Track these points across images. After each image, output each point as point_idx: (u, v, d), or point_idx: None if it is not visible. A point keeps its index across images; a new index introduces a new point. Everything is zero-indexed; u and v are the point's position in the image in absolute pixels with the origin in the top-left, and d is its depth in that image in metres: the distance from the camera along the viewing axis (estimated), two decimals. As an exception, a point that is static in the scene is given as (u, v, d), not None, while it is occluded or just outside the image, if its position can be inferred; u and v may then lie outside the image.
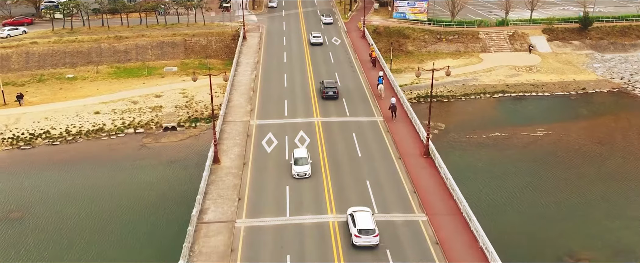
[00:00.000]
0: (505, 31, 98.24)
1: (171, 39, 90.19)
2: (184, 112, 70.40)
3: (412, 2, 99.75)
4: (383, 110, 59.60)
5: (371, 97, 63.87)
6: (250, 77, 71.05)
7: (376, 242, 36.24)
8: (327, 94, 62.92)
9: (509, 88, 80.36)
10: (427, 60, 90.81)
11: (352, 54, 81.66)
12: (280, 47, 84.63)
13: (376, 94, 64.36)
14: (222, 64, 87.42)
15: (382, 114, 58.90)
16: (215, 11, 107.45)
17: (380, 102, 62.52)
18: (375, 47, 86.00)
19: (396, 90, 66.11)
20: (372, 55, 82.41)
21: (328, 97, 62.87)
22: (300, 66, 75.48)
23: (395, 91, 65.15)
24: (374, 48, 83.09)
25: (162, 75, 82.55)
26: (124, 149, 62.07)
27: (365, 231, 36.18)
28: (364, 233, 36.18)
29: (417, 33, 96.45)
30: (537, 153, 60.75)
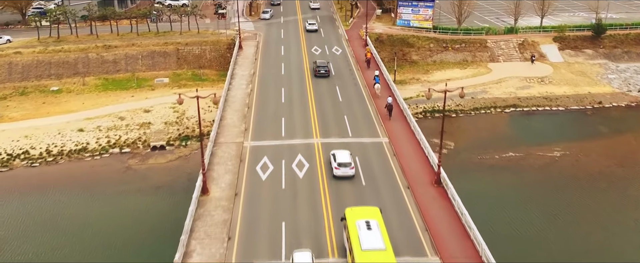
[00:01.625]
0: (515, 39, 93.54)
1: (163, 48, 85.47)
2: (174, 129, 65.69)
3: (416, 9, 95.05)
4: (379, 108, 59.76)
5: (375, 114, 59.11)
6: (246, 92, 66.31)
7: (352, 173, 44.90)
8: (319, 72, 69.96)
9: (520, 102, 75.61)
10: (432, 70, 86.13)
11: (353, 64, 76.91)
12: (278, 57, 79.94)
13: (373, 93, 64.21)
14: (216, 74, 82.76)
15: (387, 134, 54.20)
16: (211, 18, 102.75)
17: (376, 100, 62.54)
18: (372, 47, 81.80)
19: (400, 102, 61.57)
20: (368, 55, 78.40)
21: (320, 75, 69.86)
22: (299, 78, 70.74)
23: (392, 91, 65.08)
24: (369, 49, 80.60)
25: (152, 88, 77.82)
26: (108, 172, 57.31)
27: (343, 164, 44.87)
28: (342, 166, 44.82)
29: (422, 41, 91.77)
30: (555, 177, 56.01)
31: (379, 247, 30.92)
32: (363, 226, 32.43)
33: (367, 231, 32.00)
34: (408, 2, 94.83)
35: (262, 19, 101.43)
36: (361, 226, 32.42)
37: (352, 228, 32.63)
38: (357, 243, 31.29)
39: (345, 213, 34.66)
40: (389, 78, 71.12)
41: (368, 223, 32.65)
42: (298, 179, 45.79)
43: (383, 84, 67.62)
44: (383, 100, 61.71)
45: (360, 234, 31.82)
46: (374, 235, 31.72)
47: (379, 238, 31.55)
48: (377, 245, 31.03)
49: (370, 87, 68.09)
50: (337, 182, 45.08)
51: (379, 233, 31.95)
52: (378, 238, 31.49)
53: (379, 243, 31.21)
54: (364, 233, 31.85)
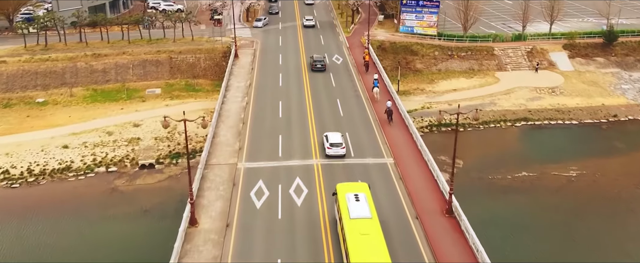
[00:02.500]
0: (523, 47, 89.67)
1: (155, 56, 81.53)
2: (165, 146, 61.78)
3: (420, 15, 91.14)
4: (379, 113, 58.84)
5: (379, 132, 55.18)
6: (241, 105, 62.41)
7: (343, 153, 48.97)
8: (315, 66, 73.07)
9: (531, 115, 71.70)
10: (438, 80, 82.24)
11: (355, 74, 73.00)
12: (276, 67, 76.02)
13: (371, 97, 63.59)
14: (211, 84, 78.80)
15: (392, 154, 50.29)
16: (206, 24, 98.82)
17: (375, 105, 61.72)
18: (372, 52, 78.45)
19: (404, 117, 57.84)
20: (366, 58, 75.93)
21: (317, 69, 72.80)
22: (298, 90, 66.86)
23: (391, 95, 64.33)
24: (367, 52, 78.03)
25: (143, 99, 73.88)
26: (92, 194, 53.37)
27: (335, 144, 49.07)
28: (334, 146, 48.95)
29: (426, 49, 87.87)
30: (573, 200, 52.18)
31: (366, 216, 34.18)
32: (352, 198, 35.78)
33: (355, 202, 35.30)
34: (412, 8, 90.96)
35: (255, 27, 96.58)
36: (350, 198, 35.81)
37: (342, 201, 36.08)
38: (346, 212, 34.62)
39: (337, 188, 38.02)
40: (388, 82, 69.24)
41: (356, 196, 36.02)
42: (296, 207, 41.91)
43: (382, 88, 66.09)
44: (382, 105, 60.28)
45: (349, 205, 35.09)
46: (361, 206, 35.02)
47: (366, 208, 34.86)
48: (364, 214, 34.26)
49: (373, 101, 64.63)
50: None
51: (366, 204, 35.25)
52: (365, 209, 34.79)
53: (366, 212, 34.49)
54: (353, 204, 35.12)
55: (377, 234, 32.67)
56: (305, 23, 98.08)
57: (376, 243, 31.81)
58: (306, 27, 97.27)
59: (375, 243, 31.78)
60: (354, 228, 32.96)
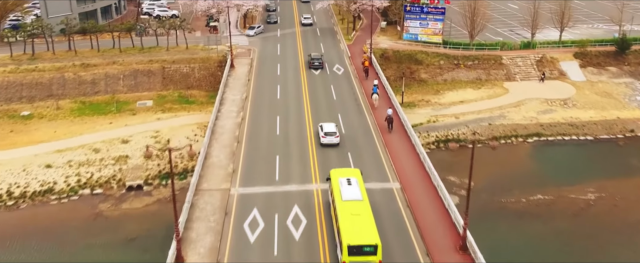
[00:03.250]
0: (532, 56, 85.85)
1: (147, 66, 77.69)
2: (154, 164, 57.91)
3: (425, 22, 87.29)
4: (378, 120, 57.60)
5: (384, 152, 51.36)
6: (236, 121, 58.59)
7: (337, 141, 51.50)
8: (313, 64, 74.51)
9: (544, 129, 67.83)
10: (443, 90, 78.41)
11: (357, 86, 69.14)
12: (274, 78, 72.18)
13: (371, 103, 62.31)
14: (205, 96, 74.99)
15: (398, 179, 46.45)
16: (201, 30, 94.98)
17: (374, 111, 60.38)
18: (374, 60, 75.98)
19: (410, 134, 54.14)
20: (365, 64, 73.61)
21: (314, 67, 74.37)
22: (297, 104, 63.04)
23: (392, 102, 62.96)
24: (366, 57, 76.42)
25: (133, 112, 70.03)
26: (75, 220, 49.55)
27: (329, 133, 51.45)
28: (328, 134, 51.38)
29: (431, 58, 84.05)
30: (592, 226, 48.38)
31: (357, 198, 36.76)
32: (344, 182, 38.27)
33: (347, 186, 37.84)
34: (416, 14, 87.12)
35: (248, 35, 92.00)
36: (343, 182, 38.30)
37: (335, 185, 38.54)
38: (339, 195, 37.11)
39: (330, 174, 40.54)
40: (389, 88, 67.52)
41: (349, 180, 38.56)
42: (293, 242, 38.11)
43: (382, 93, 65.01)
44: (381, 111, 59.21)
45: (342, 188, 37.59)
46: (353, 189, 37.53)
47: (357, 191, 37.38)
48: (356, 197, 36.87)
49: (372, 108, 61.94)
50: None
51: (357, 188, 37.80)
52: (356, 192, 37.36)
53: (357, 195, 37.09)
54: (345, 187, 37.65)
55: (367, 215, 35.25)
56: (303, 21, 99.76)
57: (366, 223, 34.36)
58: (304, 25, 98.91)
59: (365, 223, 34.34)
60: (345, 209, 35.55)
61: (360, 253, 32.39)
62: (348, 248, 32.37)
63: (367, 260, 32.53)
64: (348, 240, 32.61)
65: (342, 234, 33.33)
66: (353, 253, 32.39)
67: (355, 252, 32.39)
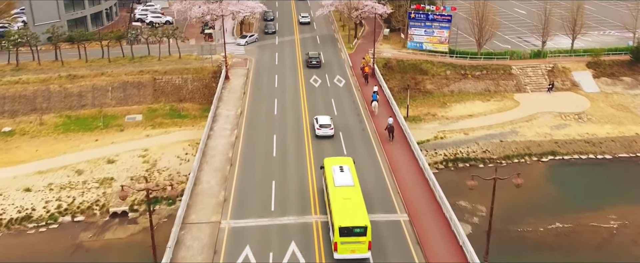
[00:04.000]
0: (543, 65, 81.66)
1: (137, 77, 73.53)
2: (141, 187, 53.62)
3: (430, 30, 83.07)
4: (379, 129, 55.92)
5: (390, 179, 47.15)
6: (229, 140, 54.44)
7: (332, 133, 53.44)
8: (310, 63, 75.81)
9: (559, 147, 63.65)
10: (450, 103, 74.21)
11: (360, 100, 64.96)
12: (271, 91, 68.02)
13: (370, 110, 60.66)
14: (198, 109, 70.83)
15: (405, 208, 42.29)
16: (196, 38, 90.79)
17: (374, 119, 58.75)
18: (376, 67, 72.27)
19: (417, 155, 50.11)
20: (365, 70, 71.42)
21: (312, 66, 75.58)
22: (295, 121, 58.85)
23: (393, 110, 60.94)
24: (366, 62, 74.54)
25: (121, 128, 65.84)
26: (52, 252, 45.41)
27: (324, 125, 53.40)
28: (323, 127, 53.31)
29: (437, 68, 79.86)
30: (618, 260, 44.13)
31: (349, 184, 38.61)
32: (337, 169, 40.13)
33: (340, 173, 39.68)
34: (421, 22, 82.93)
35: (238, 44, 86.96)
36: (336, 169, 40.17)
37: (328, 172, 40.50)
38: (332, 181, 38.99)
39: (324, 162, 42.40)
40: (389, 94, 65.59)
41: (341, 168, 40.37)
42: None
43: (382, 99, 63.51)
44: (381, 119, 57.54)
45: (334, 175, 39.44)
46: (345, 176, 39.35)
47: (349, 177, 39.29)
48: (347, 182, 38.72)
49: (372, 115, 59.55)
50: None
51: (349, 174, 39.67)
52: (348, 178, 39.20)
53: (349, 181, 38.90)
54: (338, 174, 39.49)
55: (358, 199, 37.41)
56: (300, 20, 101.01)
57: (357, 206, 36.54)
58: (302, 24, 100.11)
59: (356, 206, 36.51)
60: (337, 193, 37.65)
61: (351, 234, 34.64)
62: (339, 230, 34.55)
63: (357, 240, 34.82)
64: (339, 222, 34.84)
65: (334, 217, 35.70)
66: (344, 234, 34.60)
67: (346, 233, 34.59)
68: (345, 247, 34.84)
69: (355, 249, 34.90)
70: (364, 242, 34.78)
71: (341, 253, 34.98)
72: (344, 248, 34.84)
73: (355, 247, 34.84)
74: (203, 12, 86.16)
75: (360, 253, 35.03)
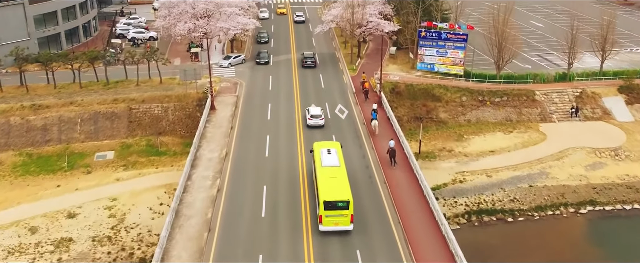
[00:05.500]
0: (570, 90, 72.63)
1: (111, 107, 64.59)
2: (104, 252, 44.78)
3: (443, 50, 74.00)
4: (379, 153, 51.48)
5: (397, 230, 38.24)
6: (209, 194, 45.40)
7: (322, 123, 57.20)
8: (306, 63, 75.92)
9: (598, 194, 54.71)
10: (468, 134, 65.27)
11: (365, 136, 55.93)
12: (263, 125, 58.99)
13: (370, 130, 56.63)
14: (179, 144, 61.96)
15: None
16: (182, 58, 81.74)
17: (374, 139, 54.88)
18: (383, 96, 63.88)
19: (433, 207, 41.51)
20: (365, 85, 66.27)
21: (307, 66, 75.74)
22: (290, 167, 49.77)
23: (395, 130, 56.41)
24: (365, 76, 69.71)
25: (88, 169, 56.97)
26: None
27: (315, 115, 57.17)
28: (314, 117, 57.08)
29: (452, 93, 70.85)
30: None
31: (335, 165, 41.83)
32: (325, 152, 43.36)
33: (327, 155, 42.96)
34: (432, 41, 73.86)
35: (220, 66, 77.59)
36: (324, 152, 43.39)
37: (317, 154, 43.68)
38: (319, 162, 42.23)
39: (313, 146, 45.64)
40: (389, 111, 60.97)
41: (329, 151, 43.65)
42: None
43: (381, 115, 59.93)
44: (382, 141, 53.40)
45: (322, 157, 42.70)
46: (332, 157, 42.61)
47: (335, 159, 42.50)
48: (334, 163, 41.91)
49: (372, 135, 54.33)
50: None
51: (336, 157, 42.82)
52: (335, 159, 42.42)
53: (335, 162, 42.09)
54: (325, 156, 42.78)
55: (342, 177, 39.95)
56: (296, 19, 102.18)
57: (341, 184, 39.10)
58: (297, 22, 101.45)
59: (340, 184, 39.07)
60: (324, 173, 40.41)
61: (335, 207, 37.81)
62: (324, 204, 37.74)
63: (340, 213, 37.93)
64: (324, 196, 37.94)
65: (320, 192, 38.69)
66: (328, 207, 37.80)
67: (330, 207, 37.80)
68: (329, 220, 38.22)
69: (338, 222, 38.23)
70: (346, 215, 38.06)
71: (326, 226, 38.45)
72: (328, 220, 38.25)
73: (338, 219, 38.16)
74: (189, 29, 77.14)
75: (343, 226, 38.42)
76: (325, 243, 38.24)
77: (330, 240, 38.42)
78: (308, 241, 38.67)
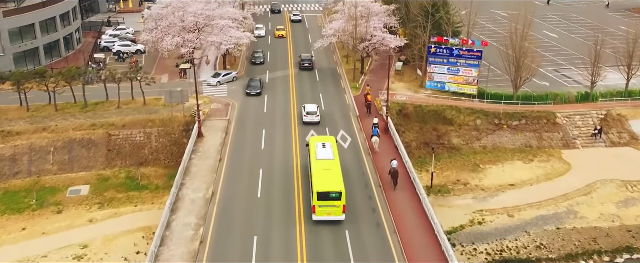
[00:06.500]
0: (594, 112, 66.26)
1: (88, 133, 58.29)
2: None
3: (454, 68, 67.60)
4: (381, 174, 48.07)
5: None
6: (190, 248, 39.08)
7: (317, 120, 58.20)
8: (303, 65, 75.56)
9: (634, 238, 48.46)
10: (484, 164, 59.04)
11: (371, 172, 49.54)
12: (255, 156, 52.57)
13: (370, 146, 53.38)
14: (162, 176, 55.72)
15: None
16: (170, 74, 75.33)
17: (375, 156, 51.89)
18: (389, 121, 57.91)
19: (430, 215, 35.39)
20: (368, 98, 62.77)
21: (304, 68, 75.27)
22: (285, 208, 43.48)
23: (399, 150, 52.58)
24: (369, 89, 65.57)
25: (59, 208, 50.67)
26: None
27: (311, 113, 58.27)
28: (309, 114, 58.20)
29: (465, 116, 64.49)
30: None
31: (329, 157, 43.61)
32: (320, 146, 45.25)
33: (322, 148, 44.83)
34: (443, 58, 67.49)
35: (208, 84, 70.64)
36: (319, 146, 45.29)
37: (312, 148, 45.45)
38: (314, 155, 43.95)
39: (309, 140, 47.86)
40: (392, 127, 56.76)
41: (324, 144, 45.58)
42: None
43: (381, 127, 56.85)
44: (384, 159, 50.25)
45: (317, 150, 44.57)
46: (326, 151, 44.43)
47: (330, 152, 44.29)
48: (328, 156, 43.70)
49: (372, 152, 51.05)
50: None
51: (330, 150, 44.65)
52: (329, 152, 44.23)
53: (330, 155, 43.91)
54: (320, 149, 44.62)
55: (336, 170, 42.03)
56: (292, 18, 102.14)
57: (334, 176, 41.17)
58: (294, 21, 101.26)
59: (333, 176, 41.14)
60: (318, 165, 42.45)
61: (327, 198, 39.47)
62: (317, 194, 39.40)
63: (332, 204, 39.55)
64: (317, 187, 39.54)
65: (314, 183, 40.15)
66: (321, 198, 39.46)
67: (323, 197, 39.47)
68: (322, 210, 39.70)
69: (331, 212, 39.79)
70: (338, 205, 39.56)
71: (319, 215, 39.97)
72: (321, 210, 39.74)
73: (330, 210, 39.69)
74: (177, 44, 70.78)
75: (335, 216, 39.97)
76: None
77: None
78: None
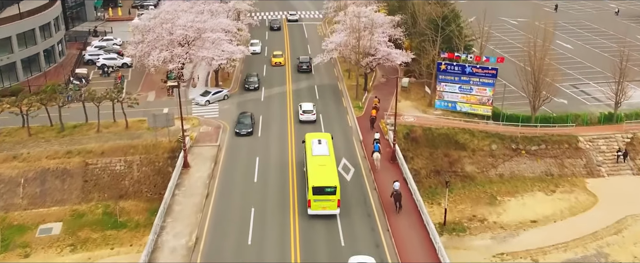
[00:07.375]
0: (619, 135, 60.69)
1: (63, 162, 52.66)
2: None
3: (466, 87, 61.98)
4: (383, 196, 44.93)
5: None
6: (170, 311, 33.32)
7: (314, 118, 58.88)
8: (301, 68, 75.20)
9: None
10: (502, 195, 53.63)
11: (377, 212, 43.85)
12: (247, 192, 46.85)
13: (371, 162, 50.42)
14: (144, 211, 50.15)
15: None
16: (157, 92, 69.59)
17: (376, 175, 48.70)
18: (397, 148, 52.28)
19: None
20: (373, 112, 59.67)
21: (302, 70, 75.04)
22: (281, 256, 37.86)
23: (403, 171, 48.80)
24: (377, 101, 62.28)
25: (26, 251, 45.06)
26: None
27: (307, 111, 58.80)
28: (306, 112, 58.66)
29: (479, 140, 58.91)
30: None
31: (325, 154, 44.56)
32: (316, 142, 46.33)
33: (318, 145, 45.83)
34: (454, 76, 61.91)
35: (197, 103, 65.22)
36: (314, 142, 46.34)
37: (308, 144, 46.47)
38: (310, 151, 45.06)
39: (305, 137, 48.54)
40: (407, 173, 48.89)
41: (319, 141, 46.50)
42: None
43: (383, 142, 53.61)
44: (385, 178, 47.50)
45: (313, 146, 45.61)
46: (322, 147, 45.50)
47: (325, 148, 45.31)
48: (324, 152, 44.68)
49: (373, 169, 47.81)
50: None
51: (326, 146, 45.61)
52: (325, 149, 45.26)
53: (325, 151, 44.91)
54: (316, 146, 45.66)
55: (331, 166, 43.09)
56: (289, 18, 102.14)
57: (329, 171, 42.27)
58: (290, 21, 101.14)
59: (328, 171, 42.25)
60: (314, 161, 43.46)
61: (323, 192, 40.70)
62: (312, 189, 40.58)
63: (327, 198, 40.81)
64: (313, 182, 40.83)
65: (309, 178, 41.70)
66: (317, 192, 40.64)
67: (318, 192, 40.65)
68: (317, 204, 40.80)
69: (326, 206, 40.85)
70: (333, 200, 40.73)
71: (314, 210, 41.05)
72: (316, 205, 40.82)
73: (326, 204, 40.79)
74: (165, 59, 65.15)
75: (330, 210, 41.09)
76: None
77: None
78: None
